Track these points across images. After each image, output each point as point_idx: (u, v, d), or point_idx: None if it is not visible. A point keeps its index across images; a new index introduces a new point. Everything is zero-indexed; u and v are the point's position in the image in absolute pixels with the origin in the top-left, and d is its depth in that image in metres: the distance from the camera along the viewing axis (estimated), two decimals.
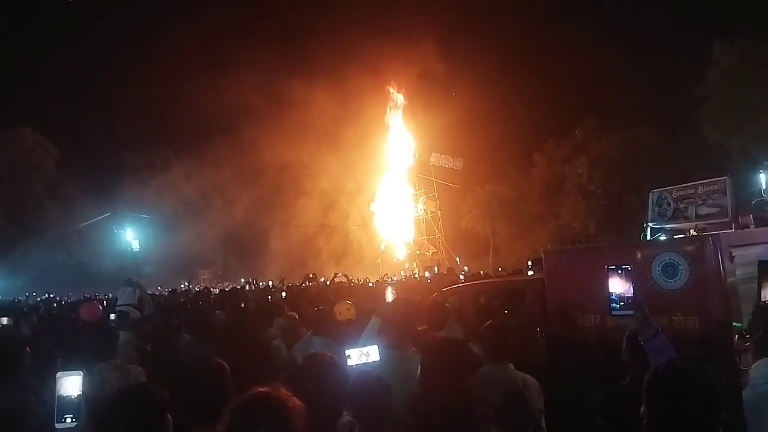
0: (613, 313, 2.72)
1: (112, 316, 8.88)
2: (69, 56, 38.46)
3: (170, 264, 35.81)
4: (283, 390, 2.08)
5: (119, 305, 9.21)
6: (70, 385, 2.27)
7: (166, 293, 18.30)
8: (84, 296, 20.91)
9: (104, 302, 15.33)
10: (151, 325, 7.08)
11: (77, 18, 40.85)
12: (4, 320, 8.96)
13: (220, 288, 22.38)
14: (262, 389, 2.04)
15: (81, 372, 2.32)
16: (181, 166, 38.36)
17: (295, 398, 2.08)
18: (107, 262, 35.82)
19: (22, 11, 39.27)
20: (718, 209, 7.44)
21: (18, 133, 35.36)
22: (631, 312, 2.71)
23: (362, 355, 3.10)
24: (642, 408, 2.09)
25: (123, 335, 5.47)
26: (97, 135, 39.91)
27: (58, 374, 2.30)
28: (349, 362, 3.06)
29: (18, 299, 20.84)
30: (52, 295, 18.81)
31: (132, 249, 32.14)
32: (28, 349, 3.53)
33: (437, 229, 40.90)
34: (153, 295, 12.72)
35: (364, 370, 2.98)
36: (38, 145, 36.27)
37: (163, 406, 2.26)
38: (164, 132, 39.66)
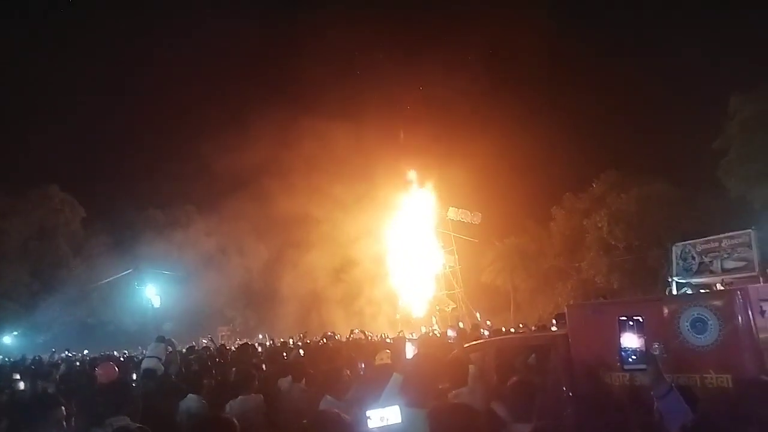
0: (626, 367, 2.61)
1: (135, 376, 8.88)
2: (95, 119, 40.09)
3: (190, 320, 35.80)
4: None
5: (149, 356, 9.27)
6: None
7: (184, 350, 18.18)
8: (102, 354, 20.91)
9: (121, 359, 15.33)
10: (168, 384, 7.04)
11: (103, 80, 42.72)
12: (19, 382, 8.99)
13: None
14: None
15: None
16: (202, 222, 38.99)
17: None
18: (127, 319, 35.99)
19: (49, 73, 41.18)
20: (745, 263, 7.31)
21: (46, 192, 36.40)
22: (643, 366, 2.59)
23: (383, 417, 2.99)
24: None
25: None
26: (122, 193, 41.01)
27: None
28: (370, 424, 2.96)
29: (39, 357, 20.90)
30: (72, 354, 18.86)
31: (153, 305, 32.31)
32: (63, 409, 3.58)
33: (456, 284, 40.46)
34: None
35: None
36: (65, 204, 37.24)
37: None
38: (186, 189, 40.52)
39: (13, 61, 40.69)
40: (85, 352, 23.20)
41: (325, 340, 15.40)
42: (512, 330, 16.88)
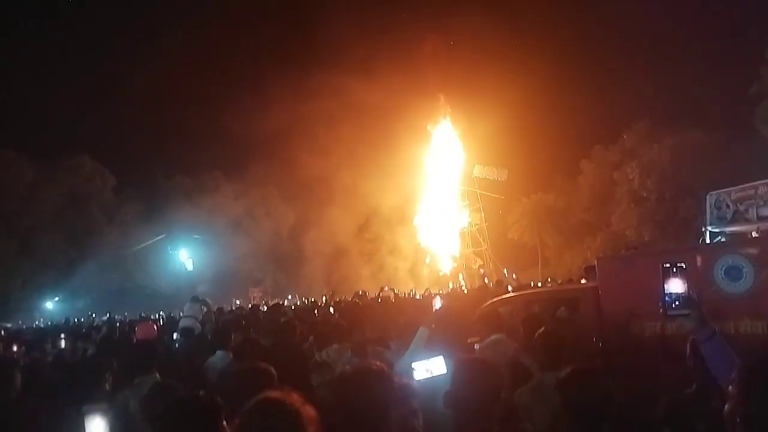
0: (669, 312, 2.60)
1: (175, 335, 9.18)
2: (123, 89, 40.34)
3: (222, 282, 36.67)
4: (296, 396, 2.02)
5: (185, 316, 9.55)
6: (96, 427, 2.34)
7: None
8: (140, 316, 21.60)
9: (160, 321, 15.81)
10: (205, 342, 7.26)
11: (129, 53, 42.77)
12: (62, 341, 9.40)
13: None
14: (274, 394, 2.00)
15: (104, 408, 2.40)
16: (230, 187, 39.43)
17: (309, 406, 2.02)
18: (163, 282, 37.01)
19: (79, 46, 41.40)
20: None
21: (77, 162, 37.15)
22: (687, 311, 2.58)
23: (428, 368, 3.02)
24: (728, 407, 1.99)
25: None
26: (150, 161, 41.50)
27: (85, 410, 2.37)
28: (416, 376, 2.99)
29: (78, 320, 21.71)
30: (114, 316, 19.54)
31: (186, 269, 33.13)
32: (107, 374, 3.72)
33: (483, 241, 40.41)
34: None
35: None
36: (96, 172, 37.97)
37: (218, 412, 2.25)
38: (213, 155, 40.84)
39: (42, 32, 41.04)
40: (125, 314, 24.00)
41: (357, 300, 15.60)
42: (539, 285, 16.85)
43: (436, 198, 40.97)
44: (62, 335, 10.15)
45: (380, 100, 35.61)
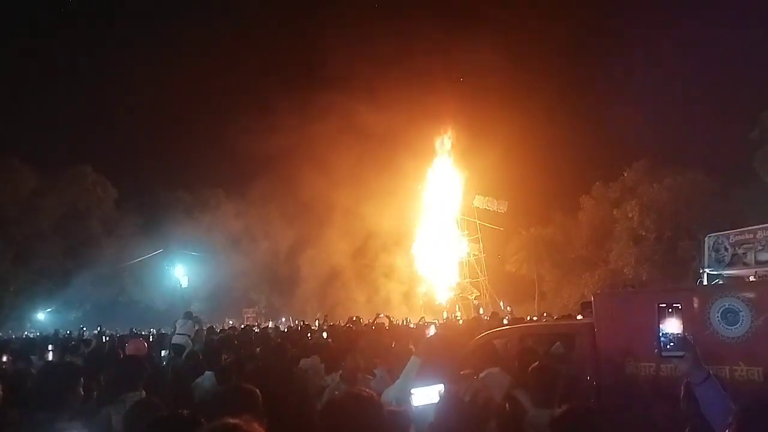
0: (663, 353, 2.58)
1: (164, 353, 9.09)
2: (129, 103, 40.76)
3: (216, 301, 36.46)
4: (254, 425, 1.98)
5: (178, 333, 9.48)
6: None
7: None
8: (132, 331, 21.42)
9: (150, 338, 15.69)
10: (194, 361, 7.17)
11: (137, 68, 43.31)
12: (49, 353, 9.29)
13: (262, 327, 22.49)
14: (232, 420, 1.96)
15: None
16: (230, 205, 39.49)
17: None
18: (157, 298, 36.80)
19: (83, 58, 41.97)
20: None
21: (79, 172, 37.26)
22: (681, 353, 2.56)
23: (427, 395, 2.99)
24: None
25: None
26: (153, 175, 41.73)
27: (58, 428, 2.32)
28: (414, 402, 2.96)
29: (69, 332, 21.50)
30: (104, 330, 19.37)
31: (181, 285, 32.97)
32: (82, 379, 3.62)
33: (481, 272, 40.29)
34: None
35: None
36: (98, 184, 38.05)
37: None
38: (215, 173, 41.05)
39: (48, 43, 41.59)
40: (116, 329, 23.79)
41: (351, 325, 15.47)
42: (535, 319, 16.74)
43: (435, 226, 40.99)
44: (50, 347, 10.04)
45: (384, 126, 35.96)
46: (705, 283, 7.35)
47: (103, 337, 16.11)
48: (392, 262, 39.52)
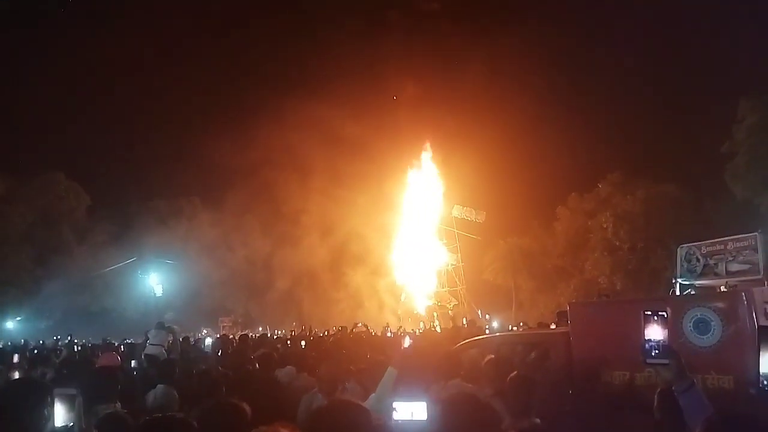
0: (648, 360, 2.60)
1: (133, 363, 8.90)
2: (103, 108, 40.16)
3: (192, 310, 35.90)
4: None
5: (151, 344, 9.31)
6: None
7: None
8: (104, 340, 20.96)
9: (122, 347, 15.36)
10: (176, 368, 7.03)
11: (112, 72, 42.69)
12: (15, 358, 9.02)
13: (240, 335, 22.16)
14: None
15: None
16: (206, 213, 39.04)
17: None
18: (130, 307, 36.11)
19: (58, 64, 41.23)
20: (750, 266, 7.24)
21: (51, 179, 36.51)
22: (666, 361, 2.58)
23: (409, 410, 2.95)
24: None
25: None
26: (128, 183, 41.09)
27: None
28: (395, 416, 2.92)
29: (42, 342, 20.97)
30: (75, 339, 18.93)
31: (155, 294, 32.43)
32: (49, 398, 3.52)
33: (459, 281, 40.45)
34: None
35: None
36: (70, 191, 37.32)
37: None
38: (191, 181, 40.53)
39: (22, 48, 40.80)
40: (89, 338, 23.29)
41: (327, 333, 15.42)
42: (513, 328, 16.86)
43: (414, 235, 41.08)
44: (15, 357, 9.74)
45: (363, 137, 36.00)
46: (677, 293, 7.47)
47: (75, 347, 15.75)
48: (371, 271, 39.44)
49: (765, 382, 2.59)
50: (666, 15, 36.20)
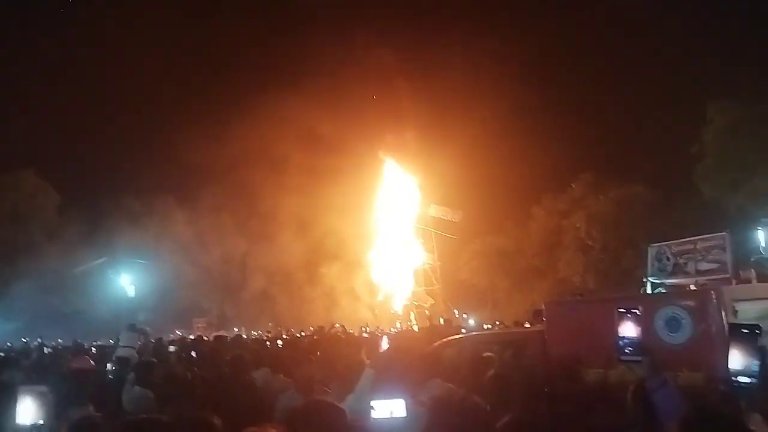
0: (622, 358, 2.66)
1: (109, 366, 8.75)
2: (74, 103, 39.25)
3: (165, 311, 35.37)
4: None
5: (122, 346, 9.16)
6: None
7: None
8: (75, 342, 20.50)
9: (92, 349, 15.07)
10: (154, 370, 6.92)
11: (82, 66, 41.83)
12: None
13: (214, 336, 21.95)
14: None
15: None
16: (180, 212, 38.50)
17: None
18: (102, 307, 35.37)
19: (27, 58, 40.27)
20: (718, 265, 7.43)
21: (20, 176, 35.61)
22: (639, 358, 2.64)
23: (388, 409, 2.96)
24: None
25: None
26: (98, 181, 40.22)
27: None
28: (373, 414, 2.93)
29: (10, 345, 20.45)
30: (43, 342, 18.48)
31: (127, 295, 31.85)
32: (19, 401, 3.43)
33: (435, 280, 40.63)
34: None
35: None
36: (39, 189, 36.45)
37: None
38: (164, 179, 39.85)
39: None
40: (59, 341, 22.79)
41: (301, 334, 15.37)
42: (488, 327, 17.02)
43: (390, 234, 41.13)
44: None
45: (338, 134, 35.94)
46: (648, 291, 7.63)
47: (45, 349, 15.40)
48: (347, 270, 39.39)
49: (734, 379, 2.67)
50: (636, 17, 36.87)
